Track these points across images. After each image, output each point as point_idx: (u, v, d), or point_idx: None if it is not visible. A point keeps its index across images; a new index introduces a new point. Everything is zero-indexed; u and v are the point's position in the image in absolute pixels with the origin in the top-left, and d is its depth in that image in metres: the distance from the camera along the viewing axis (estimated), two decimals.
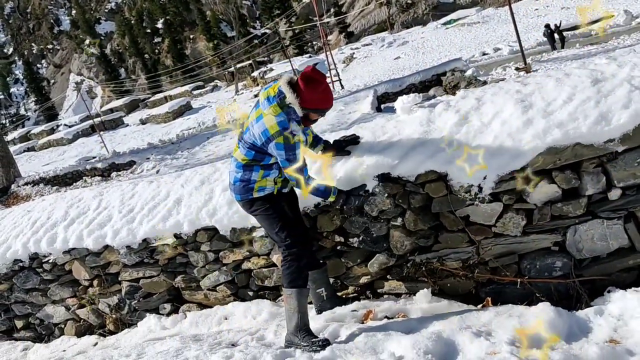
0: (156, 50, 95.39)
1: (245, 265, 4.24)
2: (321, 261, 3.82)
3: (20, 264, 5.08)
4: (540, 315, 2.94)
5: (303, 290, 3.34)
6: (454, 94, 4.05)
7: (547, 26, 28.41)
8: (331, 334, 3.33)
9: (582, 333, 2.83)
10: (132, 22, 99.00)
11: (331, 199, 3.39)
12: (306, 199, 3.73)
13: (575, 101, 3.18)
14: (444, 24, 55.76)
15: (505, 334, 2.85)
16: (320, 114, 3.31)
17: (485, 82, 17.13)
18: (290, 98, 3.17)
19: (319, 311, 3.78)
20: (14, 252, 5.04)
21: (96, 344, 4.69)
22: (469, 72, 19.22)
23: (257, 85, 52.14)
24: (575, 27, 32.75)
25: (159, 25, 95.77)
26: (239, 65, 62.86)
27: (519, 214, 3.24)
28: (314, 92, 3.17)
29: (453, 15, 57.54)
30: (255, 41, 77.64)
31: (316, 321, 3.56)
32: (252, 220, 3.99)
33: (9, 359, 5.04)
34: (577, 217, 3.18)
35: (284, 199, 3.55)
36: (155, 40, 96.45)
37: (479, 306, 3.43)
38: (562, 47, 26.93)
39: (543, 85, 3.45)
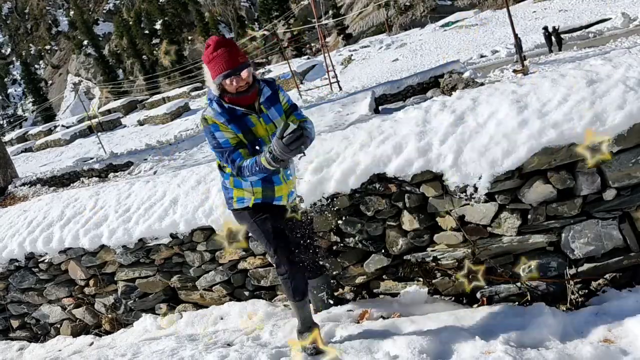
0: (154, 52, 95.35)
1: (242, 265, 4.24)
2: (323, 266, 3.79)
3: (16, 264, 5.07)
4: (535, 316, 2.95)
5: (300, 303, 3.25)
6: (451, 95, 4.06)
7: (545, 28, 28.56)
8: (327, 333, 3.33)
9: (577, 333, 2.84)
10: (131, 23, 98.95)
11: (264, 162, 2.76)
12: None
13: (571, 102, 3.19)
14: (442, 26, 55.87)
15: (500, 333, 2.86)
16: (229, 78, 2.83)
17: (482, 84, 17.16)
18: (206, 77, 2.94)
19: (318, 311, 3.78)
20: (9, 251, 5.03)
21: (92, 343, 4.69)
22: (466, 74, 19.24)
23: None
24: (573, 30, 32.87)
25: (157, 26, 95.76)
26: None
27: (514, 214, 3.25)
28: (207, 56, 2.88)
29: (451, 18, 57.66)
30: (254, 42, 77.59)
31: None
32: None
33: (5, 359, 5.04)
34: (572, 218, 3.18)
35: (269, 210, 3.18)
36: (154, 41, 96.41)
37: (474, 306, 3.44)
38: (560, 50, 27.02)
39: (538, 85, 3.46)
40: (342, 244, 3.84)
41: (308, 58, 60.92)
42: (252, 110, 2.98)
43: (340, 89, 34.58)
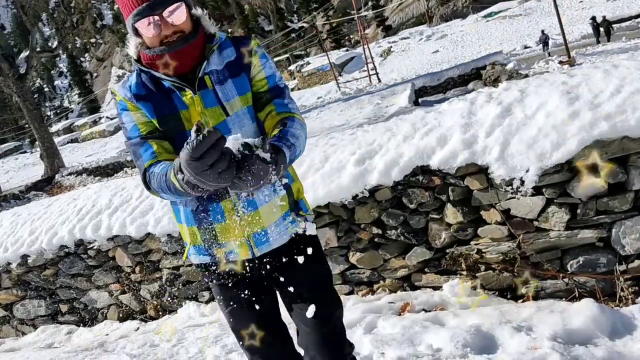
0: None
1: None
2: None
3: (66, 250, 5.24)
4: (584, 312, 2.88)
5: None
6: (494, 87, 3.98)
7: (594, 18, 27.70)
8: (368, 324, 3.33)
9: (627, 330, 2.76)
10: None
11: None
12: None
13: (624, 93, 3.09)
14: (485, 16, 54.81)
15: (547, 329, 2.81)
16: (142, 20, 1.66)
17: (527, 76, 16.77)
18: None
19: None
20: (60, 238, 5.20)
21: (138, 328, 4.82)
22: (510, 66, 18.86)
23: (294, 79, 52.42)
24: (621, 20, 31.77)
25: None
26: (276, 59, 63.14)
27: (563, 208, 3.17)
28: None
29: (494, 8, 56.51)
30: (293, 35, 77.80)
31: (352, 312, 3.56)
32: None
33: (54, 342, 5.22)
34: (623, 213, 3.09)
35: (233, 290, 1.92)
36: None
37: (520, 301, 3.38)
38: (609, 41, 26.17)
39: (590, 76, 3.36)
40: (383, 237, 3.82)
41: (347, 50, 60.69)
42: (186, 83, 1.74)
43: (379, 81, 34.38)
